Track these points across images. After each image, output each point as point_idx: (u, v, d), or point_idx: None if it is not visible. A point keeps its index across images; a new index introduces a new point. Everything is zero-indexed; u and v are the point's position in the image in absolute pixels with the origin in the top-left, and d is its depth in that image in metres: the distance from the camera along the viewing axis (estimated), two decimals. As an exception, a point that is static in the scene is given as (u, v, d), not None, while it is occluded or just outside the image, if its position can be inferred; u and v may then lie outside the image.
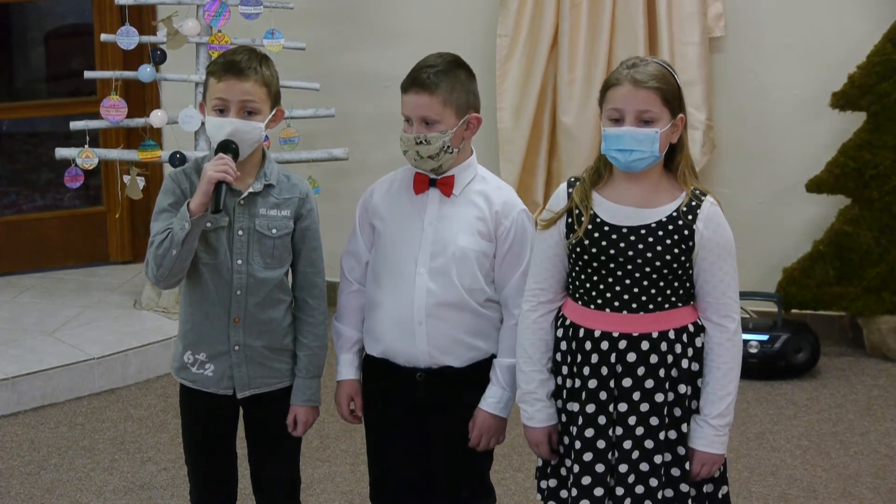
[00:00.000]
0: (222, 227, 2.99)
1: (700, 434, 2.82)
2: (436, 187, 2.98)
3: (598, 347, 2.80)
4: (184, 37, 5.20)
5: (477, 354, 3.01)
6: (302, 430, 3.13)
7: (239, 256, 3.00)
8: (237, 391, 3.07)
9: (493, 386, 3.01)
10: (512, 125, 5.56)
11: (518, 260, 2.98)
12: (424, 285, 2.94)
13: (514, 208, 3.01)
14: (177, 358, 3.10)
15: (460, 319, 2.97)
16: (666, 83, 2.77)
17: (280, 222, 3.02)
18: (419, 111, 2.90)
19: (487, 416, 3.00)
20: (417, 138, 2.90)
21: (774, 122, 5.48)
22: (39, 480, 4.21)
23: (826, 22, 5.36)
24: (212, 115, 2.96)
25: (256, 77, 2.95)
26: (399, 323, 2.97)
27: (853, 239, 5.22)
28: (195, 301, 3.04)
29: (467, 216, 2.97)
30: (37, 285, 5.89)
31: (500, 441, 3.06)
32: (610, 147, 2.78)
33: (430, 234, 2.96)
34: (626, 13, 5.36)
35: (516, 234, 2.99)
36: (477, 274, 2.96)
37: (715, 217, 2.80)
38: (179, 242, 2.89)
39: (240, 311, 3.02)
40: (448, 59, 2.96)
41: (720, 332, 2.82)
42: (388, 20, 5.76)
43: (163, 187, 3.05)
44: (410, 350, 2.98)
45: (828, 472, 4.26)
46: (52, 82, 7.06)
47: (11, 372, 4.80)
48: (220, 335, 3.03)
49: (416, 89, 2.90)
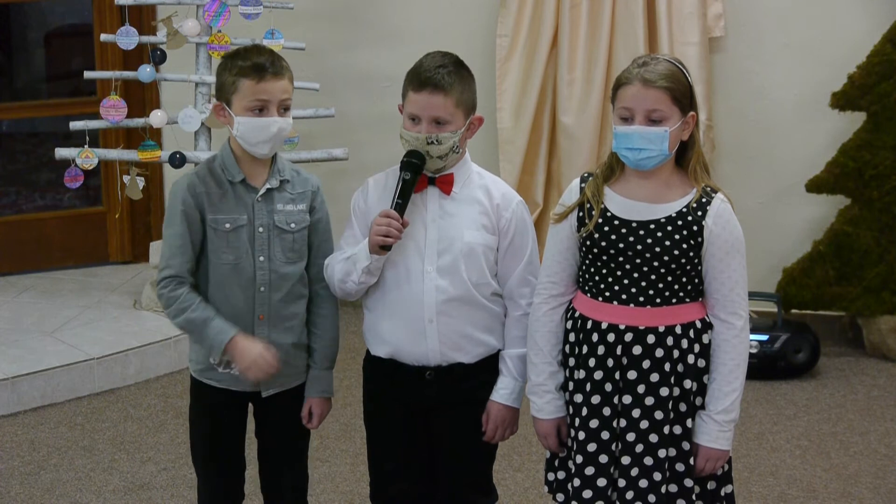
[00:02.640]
0: (242, 225, 3.01)
1: (705, 429, 2.83)
2: (434, 185, 2.98)
3: (604, 339, 2.83)
4: (184, 37, 5.20)
5: (485, 350, 3.02)
6: (317, 423, 3.14)
7: (261, 253, 3.02)
8: (262, 389, 3.08)
9: (504, 377, 3.02)
10: (512, 125, 5.56)
11: (520, 251, 3.00)
12: (433, 283, 2.95)
13: (513, 200, 3.02)
14: (200, 360, 3.09)
15: (470, 314, 2.98)
16: (676, 82, 2.78)
17: (297, 216, 3.06)
18: (432, 111, 2.90)
19: (502, 408, 3.02)
20: (429, 138, 2.90)
21: (774, 122, 5.48)
22: (39, 480, 4.21)
23: (826, 22, 5.36)
24: (245, 115, 2.97)
25: (289, 75, 3.02)
26: (408, 322, 2.97)
27: (853, 239, 5.22)
28: (219, 301, 3.02)
29: (471, 212, 2.98)
30: (37, 285, 5.89)
31: (514, 431, 3.07)
32: (620, 145, 2.80)
33: (433, 232, 2.96)
34: (626, 13, 5.36)
35: (517, 226, 3.00)
36: (484, 268, 2.98)
37: (724, 214, 2.82)
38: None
39: (264, 307, 3.03)
40: (454, 60, 2.97)
41: (727, 329, 2.83)
42: (388, 20, 5.76)
43: (170, 206, 3.03)
44: (420, 349, 2.98)
45: (828, 472, 4.27)
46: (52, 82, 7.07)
47: (11, 372, 4.79)
48: (247, 334, 3.01)
49: (431, 89, 2.89)
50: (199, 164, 3.12)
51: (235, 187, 3.03)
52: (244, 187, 3.03)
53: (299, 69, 5.47)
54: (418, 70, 2.93)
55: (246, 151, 3.02)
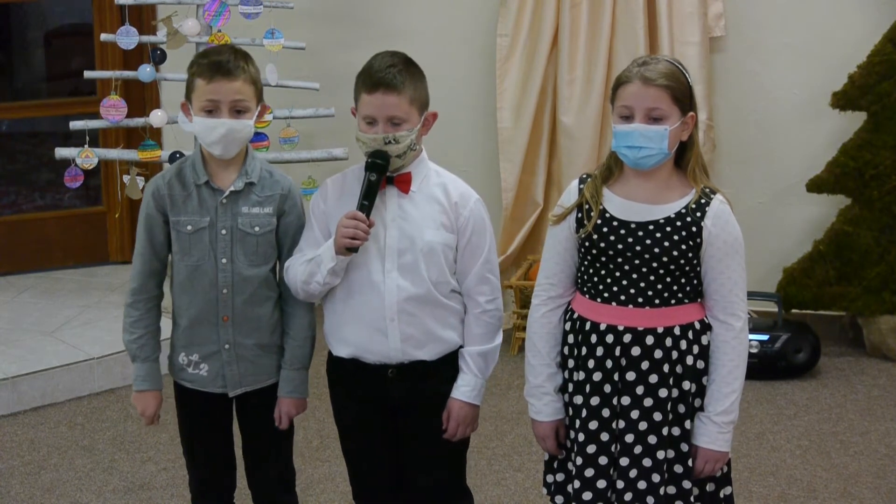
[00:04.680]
0: (203, 227, 3.01)
1: (704, 431, 2.83)
2: (393, 185, 2.99)
3: (603, 340, 2.82)
4: (184, 37, 5.20)
5: (446, 347, 3.02)
6: (286, 423, 3.14)
7: (223, 255, 3.02)
8: (229, 390, 3.10)
9: (464, 374, 3.02)
10: (512, 125, 5.56)
11: (478, 249, 3.01)
12: (394, 282, 2.95)
13: (471, 199, 3.03)
14: (173, 360, 3.13)
15: (430, 312, 2.98)
16: (676, 81, 2.78)
17: (263, 220, 3.04)
18: (387, 111, 2.91)
19: (463, 405, 3.02)
20: (386, 138, 2.90)
21: (774, 122, 5.48)
22: (39, 480, 4.21)
23: (826, 22, 5.36)
24: (200, 115, 2.97)
25: (245, 76, 2.98)
26: (370, 321, 2.98)
27: (853, 239, 5.22)
28: (184, 303, 3.07)
29: (430, 210, 2.98)
30: (37, 285, 5.89)
31: (474, 429, 3.08)
32: (620, 144, 2.80)
33: (393, 231, 2.97)
34: (626, 13, 5.36)
35: (475, 224, 3.01)
36: (443, 266, 2.98)
37: (723, 215, 2.81)
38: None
39: (227, 309, 3.04)
40: (403, 58, 2.97)
41: (726, 330, 2.83)
42: (389, 20, 5.76)
43: (142, 214, 3.07)
44: (382, 348, 2.98)
45: (828, 472, 4.26)
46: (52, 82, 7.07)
47: (11, 372, 4.79)
48: (211, 335, 3.06)
49: (384, 89, 2.90)
50: (172, 165, 3.13)
51: (200, 189, 3.03)
52: (209, 189, 3.03)
53: (299, 69, 5.52)
54: (369, 71, 2.95)
55: (214, 155, 3.02)
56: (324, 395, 3.21)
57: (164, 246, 3.06)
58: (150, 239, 3.05)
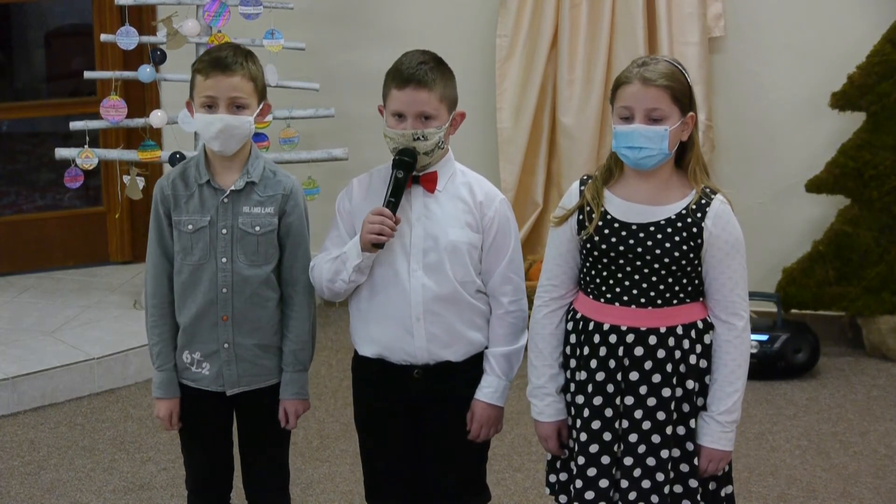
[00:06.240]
0: (204, 226, 3.03)
1: (707, 430, 2.84)
2: (418, 184, 2.99)
3: (606, 341, 2.83)
4: (184, 37, 5.20)
5: (473, 347, 3.02)
6: (294, 423, 3.16)
7: (223, 255, 3.03)
8: (226, 389, 3.11)
9: (487, 375, 3.02)
10: (512, 125, 5.56)
11: (502, 249, 3.01)
12: (420, 282, 2.95)
13: (496, 198, 3.03)
14: (178, 359, 3.14)
15: (456, 312, 2.98)
16: (675, 81, 2.79)
17: (264, 220, 3.05)
18: (417, 107, 2.91)
19: (486, 407, 3.02)
20: (415, 134, 2.91)
21: (774, 122, 5.48)
22: (39, 480, 4.21)
23: (826, 22, 5.36)
24: (200, 111, 3.00)
25: (243, 72, 2.99)
26: (396, 321, 2.98)
27: (853, 239, 5.22)
28: (186, 302, 3.08)
29: (454, 210, 2.99)
30: (37, 285, 5.89)
31: (498, 430, 3.08)
32: (620, 144, 2.81)
33: (419, 230, 2.97)
34: (625, 13, 5.36)
35: (500, 224, 3.01)
36: (468, 266, 2.98)
37: (724, 215, 2.82)
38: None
39: (227, 309, 3.05)
40: (433, 56, 2.99)
41: (728, 330, 2.84)
42: (388, 20, 5.76)
43: (151, 215, 3.10)
44: (408, 348, 2.98)
45: (828, 472, 4.27)
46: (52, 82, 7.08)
47: (11, 372, 4.80)
48: (211, 334, 3.07)
49: (414, 85, 2.90)
50: (178, 165, 3.14)
51: (202, 189, 3.05)
52: (211, 189, 3.04)
53: (299, 69, 5.52)
54: (400, 68, 2.95)
55: (214, 151, 3.03)
56: (324, 396, 3.21)
57: (171, 246, 3.08)
58: (160, 240, 3.08)
